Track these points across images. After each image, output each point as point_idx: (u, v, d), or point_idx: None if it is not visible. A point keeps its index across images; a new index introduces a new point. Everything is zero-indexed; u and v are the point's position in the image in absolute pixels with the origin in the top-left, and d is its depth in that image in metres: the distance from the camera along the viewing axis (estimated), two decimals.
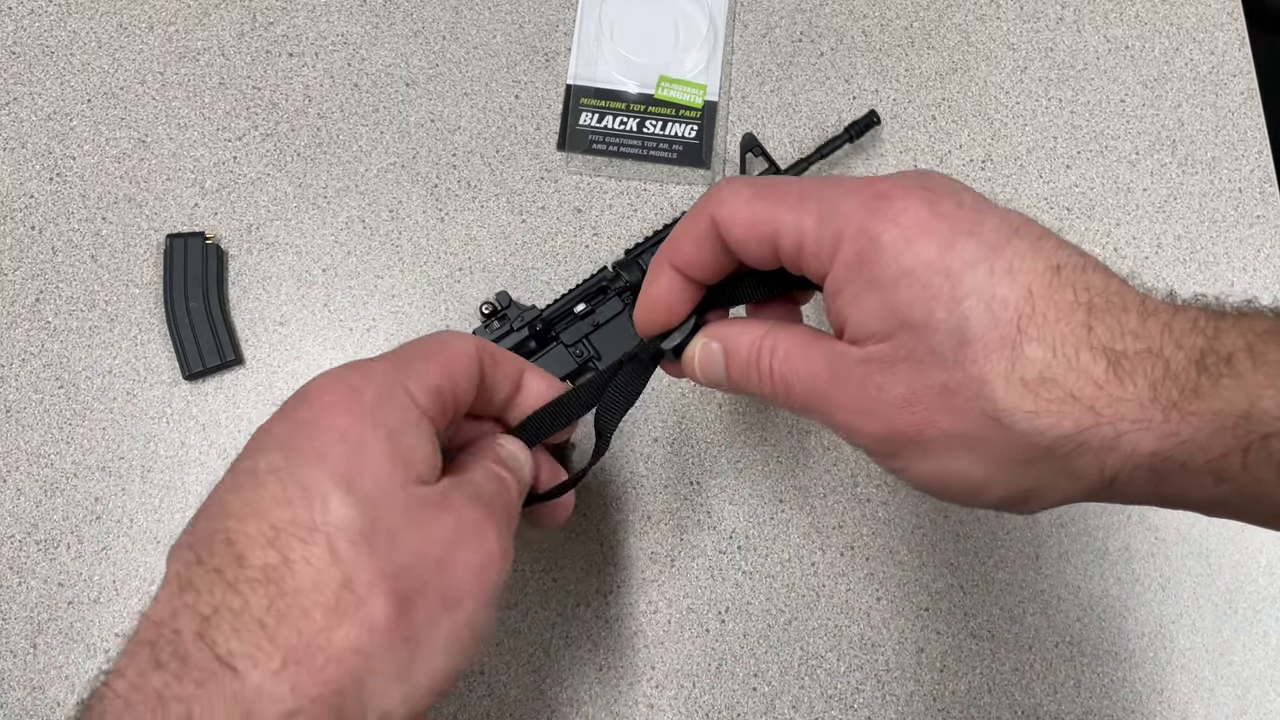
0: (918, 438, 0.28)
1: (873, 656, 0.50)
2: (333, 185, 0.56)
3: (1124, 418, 0.25)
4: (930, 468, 0.28)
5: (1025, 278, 0.27)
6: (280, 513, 0.26)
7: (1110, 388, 0.25)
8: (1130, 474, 0.26)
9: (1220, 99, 0.59)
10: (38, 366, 0.52)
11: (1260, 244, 0.57)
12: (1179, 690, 0.50)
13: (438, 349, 0.33)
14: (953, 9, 0.60)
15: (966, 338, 0.26)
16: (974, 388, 0.26)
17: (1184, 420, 0.25)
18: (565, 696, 0.48)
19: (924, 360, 0.27)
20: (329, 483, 0.27)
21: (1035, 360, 0.26)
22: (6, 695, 0.47)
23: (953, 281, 0.27)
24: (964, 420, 0.27)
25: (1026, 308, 0.26)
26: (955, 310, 0.27)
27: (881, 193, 0.29)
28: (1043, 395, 0.26)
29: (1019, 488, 0.28)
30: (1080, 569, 0.51)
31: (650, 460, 0.52)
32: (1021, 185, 0.57)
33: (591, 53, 0.58)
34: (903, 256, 0.27)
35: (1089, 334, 0.26)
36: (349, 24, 0.58)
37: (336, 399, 0.29)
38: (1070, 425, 0.26)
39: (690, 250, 0.33)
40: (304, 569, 0.25)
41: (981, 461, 0.27)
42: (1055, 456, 0.26)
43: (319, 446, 0.28)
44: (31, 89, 0.56)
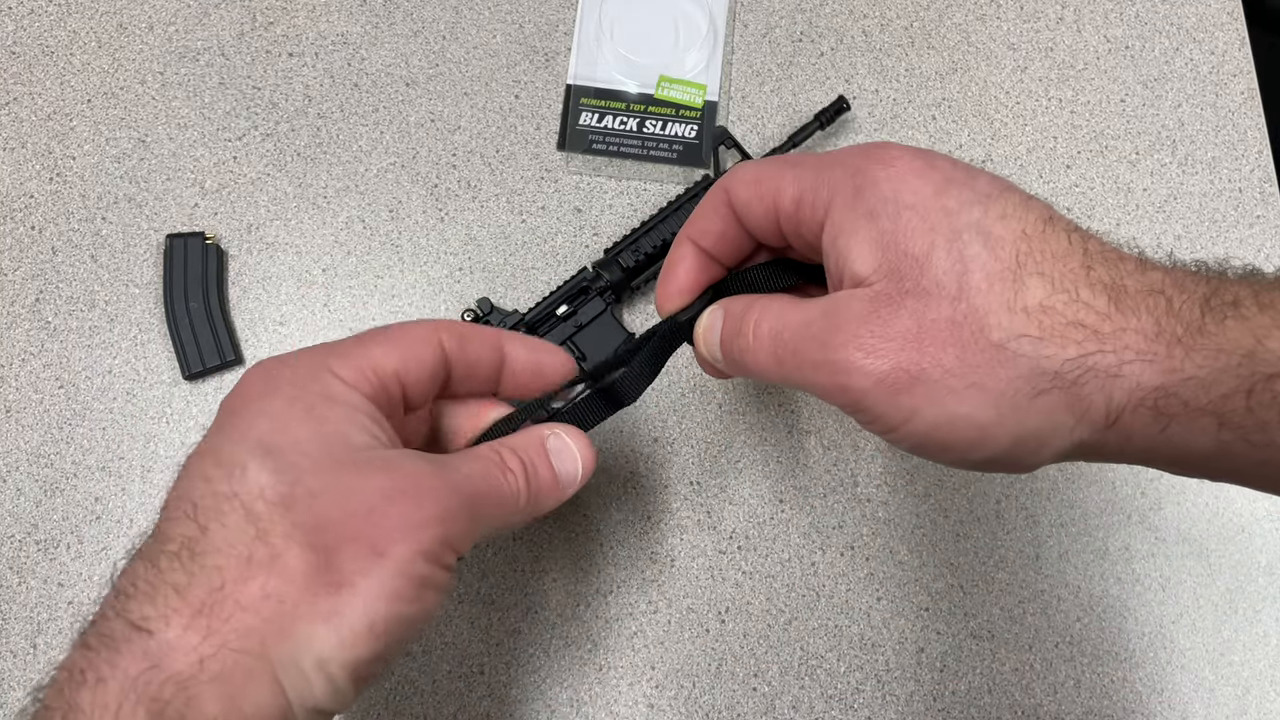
0: (922, 376, 0.27)
1: (873, 656, 0.50)
2: (333, 185, 0.55)
3: (1128, 347, 0.25)
4: (934, 414, 0.27)
5: (1018, 223, 0.27)
6: (199, 489, 0.27)
7: (1114, 318, 0.25)
8: (1134, 411, 0.25)
9: (1220, 99, 0.59)
10: (38, 366, 0.52)
11: (1260, 244, 0.57)
12: (1179, 690, 0.50)
13: (389, 334, 0.33)
14: (953, 9, 0.60)
15: (968, 270, 0.26)
16: (977, 318, 0.26)
17: (1188, 356, 0.24)
18: (565, 696, 0.48)
19: (929, 292, 0.27)
20: (246, 454, 0.27)
21: (1036, 291, 0.26)
22: (6, 695, 0.47)
23: (950, 217, 0.27)
24: (970, 354, 0.26)
25: (1023, 245, 0.27)
26: (955, 243, 0.27)
27: (873, 145, 0.30)
28: (1045, 322, 0.26)
29: (1026, 428, 0.27)
30: (1080, 569, 0.51)
31: (650, 460, 0.52)
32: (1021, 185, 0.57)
33: (591, 53, 0.58)
34: (901, 193, 0.28)
35: (1088, 274, 0.26)
36: (349, 24, 0.58)
37: (257, 381, 0.30)
38: (1074, 349, 0.25)
39: (704, 222, 0.34)
40: (218, 532, 0.26)
41: (988, 400, 0.26)
42: (1063, 385, 0.26)
43: (243, 425, 0.29)
44: (31, 89, 0.56)
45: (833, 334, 0.28)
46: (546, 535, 0.51)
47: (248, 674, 0.25)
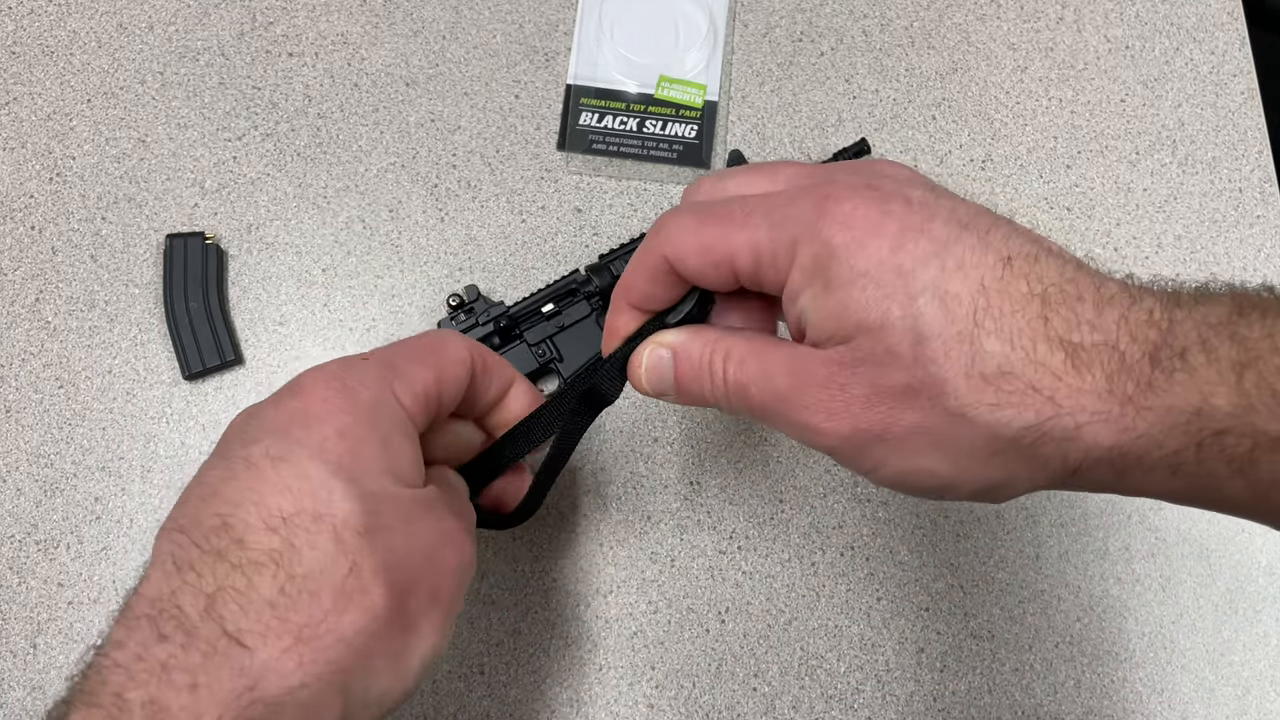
0: (884, 435, 0.28)
1: (873, 656, 0.50)
2: (333, 185, 0.55)
3: (1083, 409, 0.26)
4: (899, 465, 0.28)
5: (976, 272, 0.27)
6: (282, 500, 0.27)
7: (1069, 379, 0.26)
8: (1092, 465, 0.26)
9: (1220, 99, 0.59)
10: (38, 366, 0.52)
11: (1260, 244, 0.57)
12: (1179, 690, 0.50)
13: (432, 352, 0.34)
14: (953, 9, 0.60)
15: (923, 336, 0.27)
16: (935, 386, 0.27)
17: (1139, 415, 0.25)
18: (565, 696, 0.48)
19: (884, 361, 0.27)
20: (332, 476, 0.27)
21: (994, 354, 0.26)
22: (6, 695, 0.47)
23: (905, 280, 0.27)
24: (928, 417, 0.27)
25: (981, 301, 0.27)
26: (910, 308, 0.27)
27: (829, 195, 0.29)
28: (1003, 388, 0.26)
29: (987, 480, 0.28)
30: (1080, 569, 0.51)
31: (650, 460, 0.52)
32: (1021, 185, 0.57)
33: (591, 53, 0.58)
34: (856, 259, 0.28)
35: (1045, 325, 0.26)
36: (349, 24, 0.58)
37: (333, 396, 0.30)
38: (1032, 416, 0.26)
39: (645, 287, 0.33)
40: (310, 555, 0.26)
41: (948, 458, 0.27)
42: (1020, 447, 0.26)
43: (319, 439, 0.28)
44: (31, 89, 0.56)
45: (797, 395, 0.29)
46: (546, 535, 0.51)
47: (327, 704, 0.26)
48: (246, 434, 0.29)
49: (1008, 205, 0.57)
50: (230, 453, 0.28)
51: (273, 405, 0.30)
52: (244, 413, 0.31)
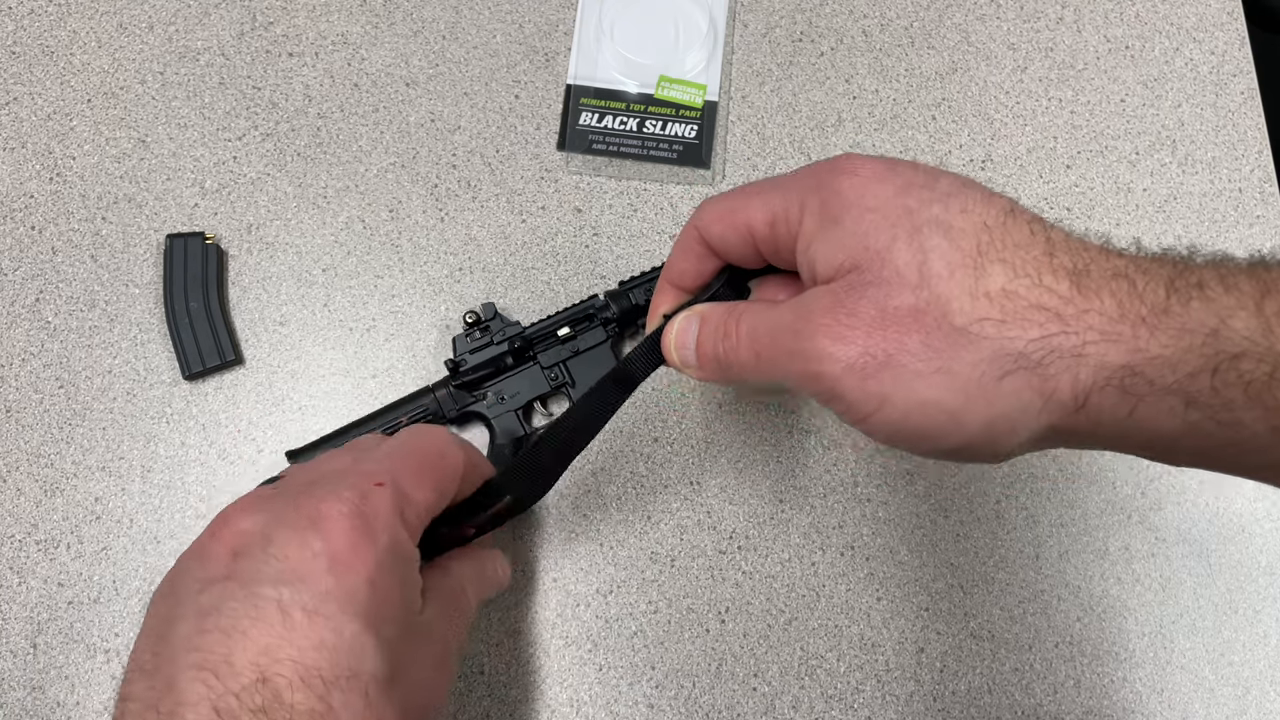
0: (890, 361, 0.27)
1: (873, 656, 0.50)
2: (333, 185, 0.55)
3: (1091, 328, 0.25)
4: (905, 398, 0.27)
5: (979, 216, 0.28)
6: (320, 659, 0.27)
7: (1076, 301, 0.26)
8: (1101, 391, 0.26)
9: (1220, 99, 0.59)
10: (38, 366, 0.52)
11: (1260, 244, 0.57)
12: (1179, 690, 0.50)
13: (434, 470, 0.35)
14: (953, 9, 0.60)
15: (928, 260, 0.27)
16: (940, 305, 0.27)
17: (1152, 335, 0.25)
18: (565, 696, 0.48)
19: (891, 282, 0.27)
20: (364, 631, 0.29)
21: (998, 277, 0.26)
22: (6, 695, 0.47)
23: (911, 215, 0.28)
24: (934, 339, 0.27)
25: (985, 236, 0.27)
26: (916, 236, 0.27)
27: (838, 158, 0.31)
28: (1008, 305, 0.26)
29: (995, 410, 0.27)
30: (1080, 569, 0.51)
31: (650, 460, 0.52)
32: (1021, 185, 0.57)
33: (591, 53, 0.58)
34: (864, 198, 0.29)
35: (1050, 260, 0.27)
36: (349, 24, 0.58)
37: (359, 542, 0.30)
38: (1037, 330, 0.26)
39: (680, 263, 0.35)
40: (344, 713, 0.27)
41: (956, 384, 0.27)
42: (1027, 366, 0.26)
43: (349, 590, 0.29)
44: (31, 89, 0.56)
45: (803, 324, 0.29)
46: (546, 535, 0.51)
47: None
48: (267, 567, 0.29)
49: None
50: (255, 584, 0.29)
51: (296, 539, 0.30)
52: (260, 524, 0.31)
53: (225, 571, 0.29)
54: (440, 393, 0.50)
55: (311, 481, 0.33)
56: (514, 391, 0.50)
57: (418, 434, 0.37)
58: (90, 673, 0.47)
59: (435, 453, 0.36)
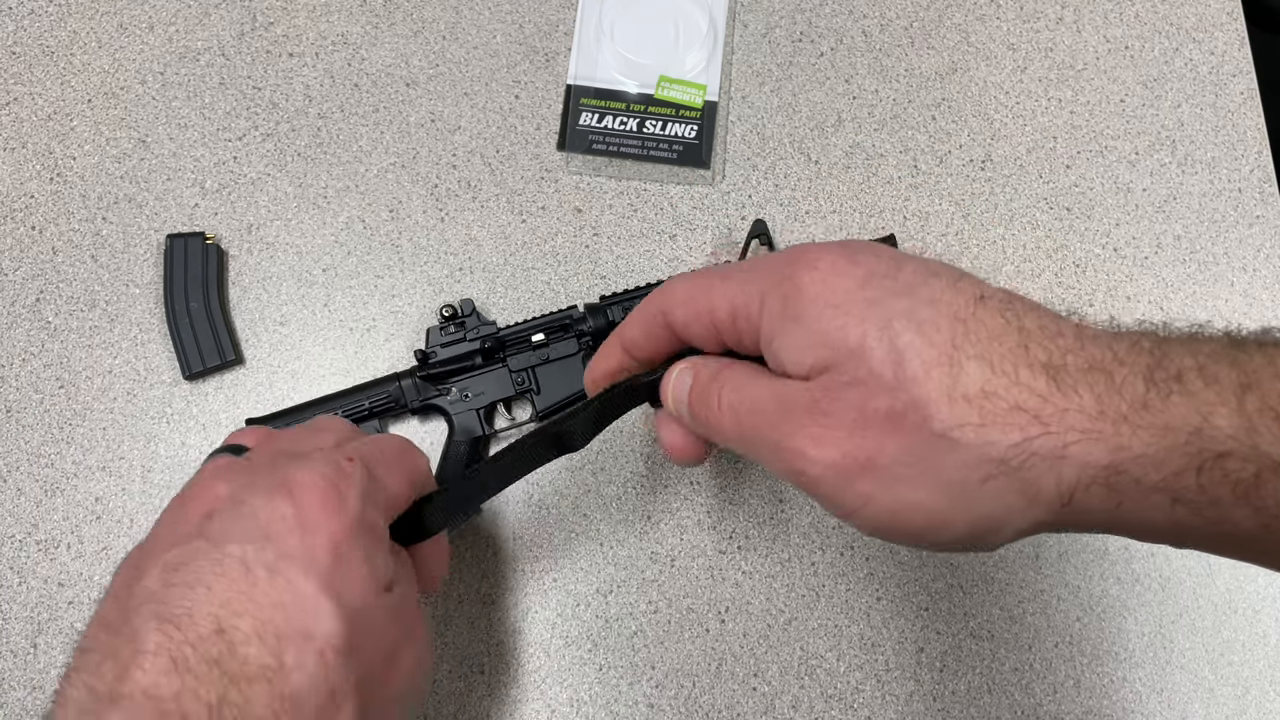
0: (871, 464, 0.27)
1: (873, 656, 0.50)
2: (333, 185, 0.56)
3: (1071, 427, 0.25)
4: (887, 501, 0.27)
5: (950, 307, 0.27)
6: (275, 615, 0.28)
7: (1055, 399, 0.25)
8: (1087, 489, 0.25)
9: (1220, 99, 0.59)
10: (38, 366, 0.52)
11: (1260, 244, 0.57)
12: (1179, 690, 0.50)
13: (407, 470, 0.36)
14: (953, 9, 0.60)
15: (903, 356, 0.26)
16: (919, 408, 0.26)
17: (1134, 434, 0.24)
18: (565, 697, 0.48)
19: (867, 383, 0.27)
20: (321, 593, 0.28)
21: (975, 376, 0.26)
22: (6, 695, 0.47)
23: (877, 308, 0.27)
24: (914, 443, 0.26)
25: (959, 328, 0.26)
26: (887, 332, 0.27)
27: (801, 250, 0.30)
28: (986, 408, 0.25)
29: (980, 513, 0.27)
30: (1080, 569, 0.51)
31: (650, 460, 0.52)
32: (1021, 185, 0.57)
33: (591, 53, 0.58)
34: (824, 294, 0.28)
35: (1026, 353, 0.26)
36: (349, 24, 0.58)
37: (324, 503, 0.30)
38: (1017, 434, 0.25)
39: (635, 333, 0.36)
40: (298, 675, 0.27)
41: (938, 488, 0.26)
42: (1009, 470, 0.25)
43: (310, 550, 0.29)
44: (32, 89, 0.56)
45: (783, 421, 0.29)
46: (546, 535, 0.51)
47: None
48: (236, 526, 0.29)
49: (1007, 205, 0.57)
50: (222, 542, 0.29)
51: (267, 503, 0.30)
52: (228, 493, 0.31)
53: (195, 530, 0.29)
54: (406, 381, 0.50)
55: (286, 453, 0.33)
56: (479, 390, 0.50)
57: (384, 437, 0.38)
58: None
59: (408, 454, 0.37)
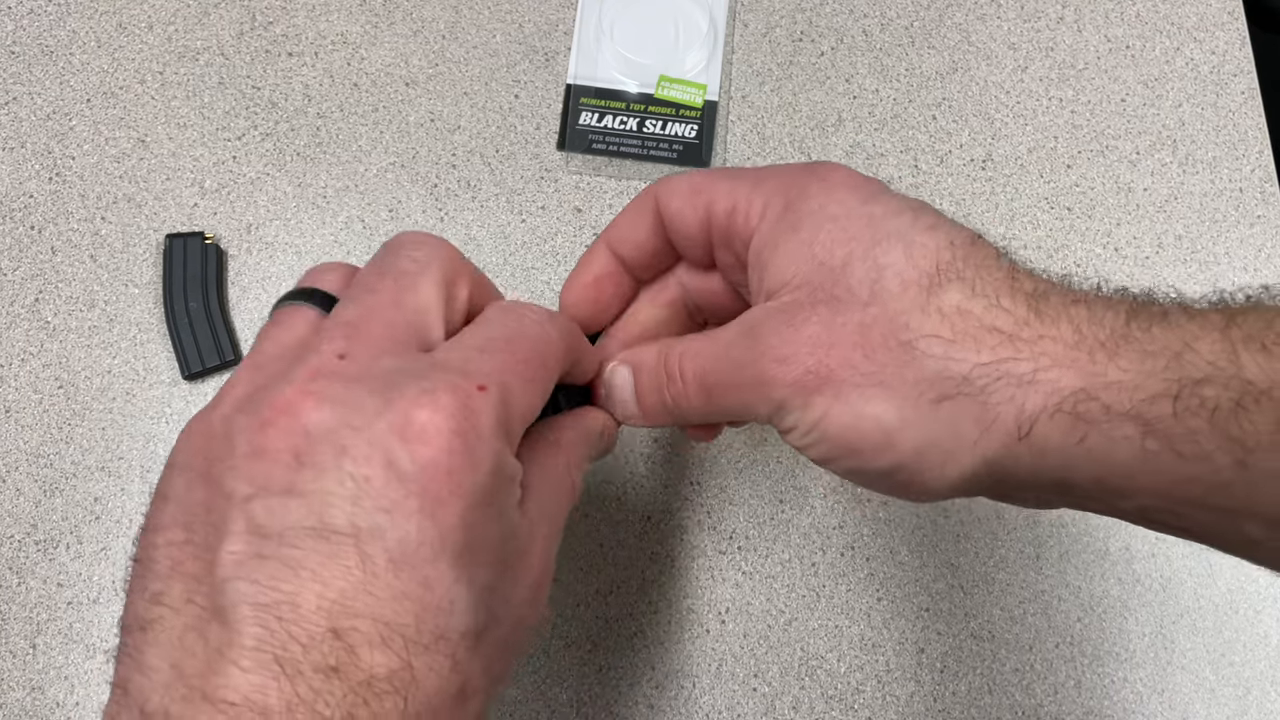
0: (831, 377, 0.26)
1: (873, 657, 0.50)
2: (332, 185, 0.55)
3: (1044, 354, 0.24)
4: (842, 415, 0.26)
5: (945, 235, 0.27)
6: (402, 613, 0.22)
7: (1033, 325, 0.24)
8: (1050, 419, 0.24)
9: (1221, 98, 0.59)
10: (37, 366, 0.52)
11: (1261, 244, 0.57)
12: (1180, 691, 0.50)
13: (539, 364, 0.28)
14: (953, 8, 0.60)
15: (883, 276, 0.26)
16: (888, 320, 0.26)
17: (1111, 360, 0.23)
18: (565, 697, 0.48)
19: (840, 299, 0.27)
20: (455, 583, 0.23)
21: (954, 296, 0.25)
22: (6, 695, 0.47)
23: (874, 226, 0.27)
24: (878, 353, 0.26)
25: (947, 255, 0.26)
26: (873, 250, 0.27)
27: (815, 163, 0.30)
28: (959, 325, 0.25)
29: (929, 435, 0.25)
30: (1081, 569, 0.51)
31: (650, 460, 0.52)
32: (1022, 185, 0.57)
33: (591, 52, 0.58)
34: (827, 206, 0.28)
35: (1012, 282, 0.26)
36: (349, 24, 0.58)
37: (455, 464, 0.23)
38: (988, 354, 0.24)
39: (627, 229, 0.34)
40: (428, 679, 0.23)
41: (894, 401, 0.26)
42: (970, 391, 0.25)
43: (443, 532, 0.23)
44: (31, 89, 0.56)
45: (749, 351, 0.28)
46: None
47: None
48: (342, 489, 0.22)
49: (1008, 205, 0.57)
50: (326, 512, 0.22)
51: (380, 457, 0.23)
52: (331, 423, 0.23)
53: (286, 483, 0.23)
54: None
55: (394, 367, 0.25)
56: None
57: (518, 326, 0.29)
58: (90, 673, 0.47)
59: (540, 351, 0.28)
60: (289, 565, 0.22)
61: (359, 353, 0.25)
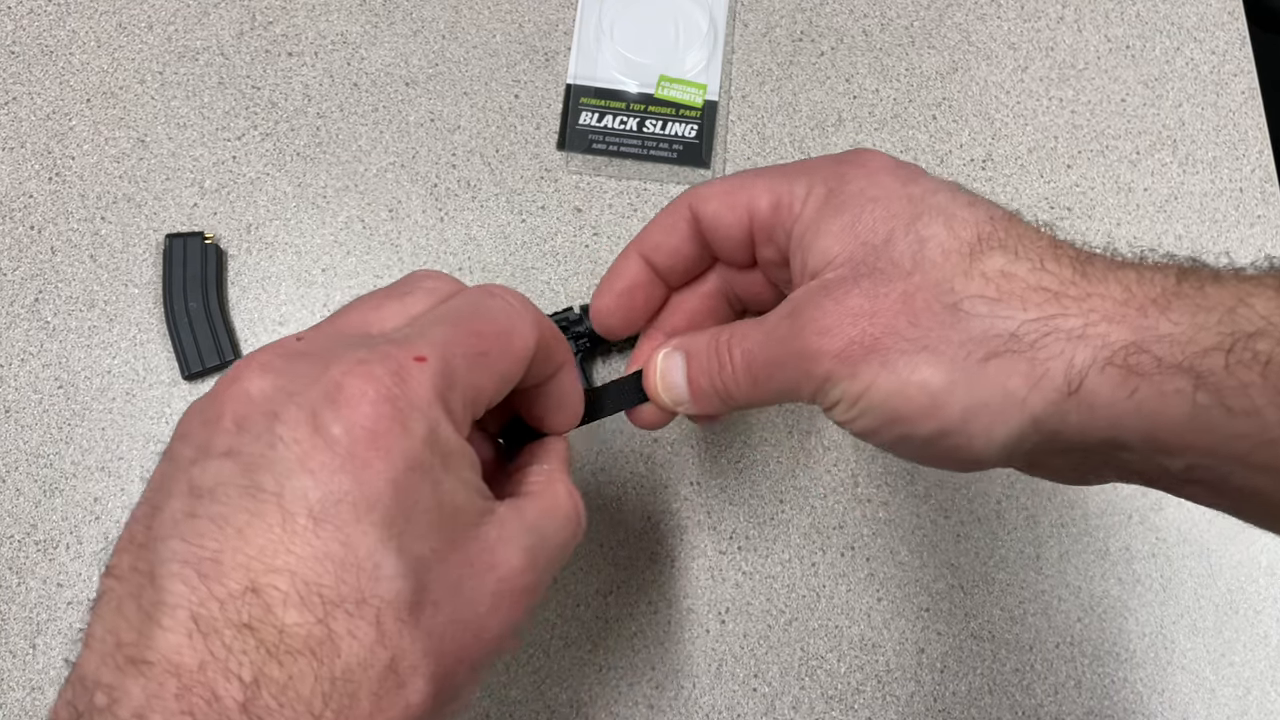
0: (876, 346, 0.26)
1: (873, 657, 0.50)
2: (332, 185, 0.55)
3: (1094, 310, 0.24)
4: (888, 382, 0.26)
5: (985, 209, 0.27)
6: (322, 573, 0.22)
7: (1080, 285, 0.24)
8: (1100, 373, 0.24)
9: (1221, 98, 0.59)
10: (37, 366, 0.52)
11: (1261, 244, 0.57)
12: (1180, 691, 0.50)
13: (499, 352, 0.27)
14: (953, 8, 0.60)
15: (925, 246, 0.27)
16: (931, 285, 0.26)
17: (1163, 315, 0.23)
18: (565, 697, 0.48)
19: (884, 271, 0.27)
20: (380, 546, 0.23)
21: (997, 260, 0.26)
22: (6, 695, 0.47)
23: (914, 204, 0.28)
24: (922, 320, 0.26)
25: (987, 227, 0.27)
26: (914, 224, 0.27)
27: (855, 150, 0.31)
28: (1004, 286, 0.25)
29: (978, 397, 0.25)
30: (1081, 569, 0.51)
31: (650, 460, 0.52)
32: (1022, 185, 0.57)
33: (591, 52, 0.58)
34: (868, 189, 0.29)
35: (1055, 248, 0.26)
36: (349, 23, 0.58)
37: (382, 427, 0.23)
38: (1035, 311, 0.24)
39: (661, 236, 0.34)
40: (349, 645, 0.22)
41: (939, 361, 0.25)
42: (1019, 347, 0.24)
43: (368, 494, 0.23)
44: (30, 89, 0.56)
45: (794, 329, 0.28)
46: None
47: None
48: (272, 451, 0.23)
49: (1008, 205, 0.56)
50: (255, 470, 0.23)
51: (308, 420, 0.23)
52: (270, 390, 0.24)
53: (226, 445, 0.23)
54: None
55: (345, 338, 0.26)
56: None
57: (483, 300, 0.28)
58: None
59: (501, 329, 0.28)
60: (216, 522, 0.22)
61: (314, 335, 0.27)
